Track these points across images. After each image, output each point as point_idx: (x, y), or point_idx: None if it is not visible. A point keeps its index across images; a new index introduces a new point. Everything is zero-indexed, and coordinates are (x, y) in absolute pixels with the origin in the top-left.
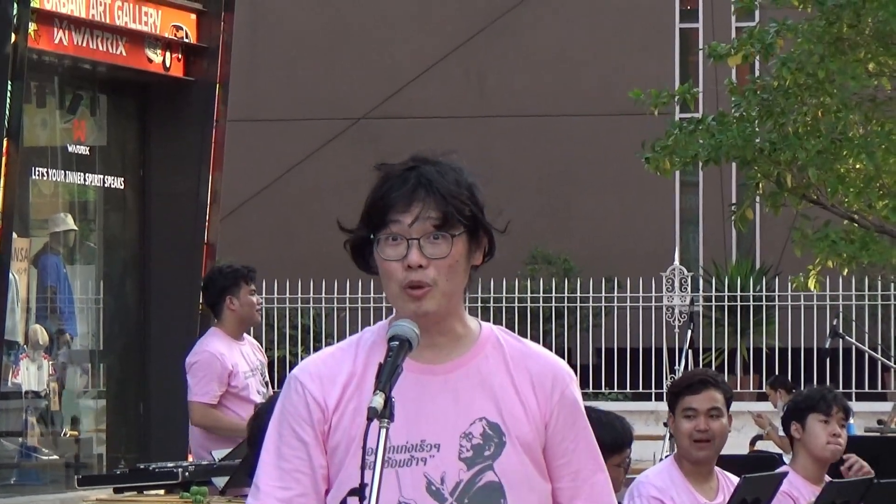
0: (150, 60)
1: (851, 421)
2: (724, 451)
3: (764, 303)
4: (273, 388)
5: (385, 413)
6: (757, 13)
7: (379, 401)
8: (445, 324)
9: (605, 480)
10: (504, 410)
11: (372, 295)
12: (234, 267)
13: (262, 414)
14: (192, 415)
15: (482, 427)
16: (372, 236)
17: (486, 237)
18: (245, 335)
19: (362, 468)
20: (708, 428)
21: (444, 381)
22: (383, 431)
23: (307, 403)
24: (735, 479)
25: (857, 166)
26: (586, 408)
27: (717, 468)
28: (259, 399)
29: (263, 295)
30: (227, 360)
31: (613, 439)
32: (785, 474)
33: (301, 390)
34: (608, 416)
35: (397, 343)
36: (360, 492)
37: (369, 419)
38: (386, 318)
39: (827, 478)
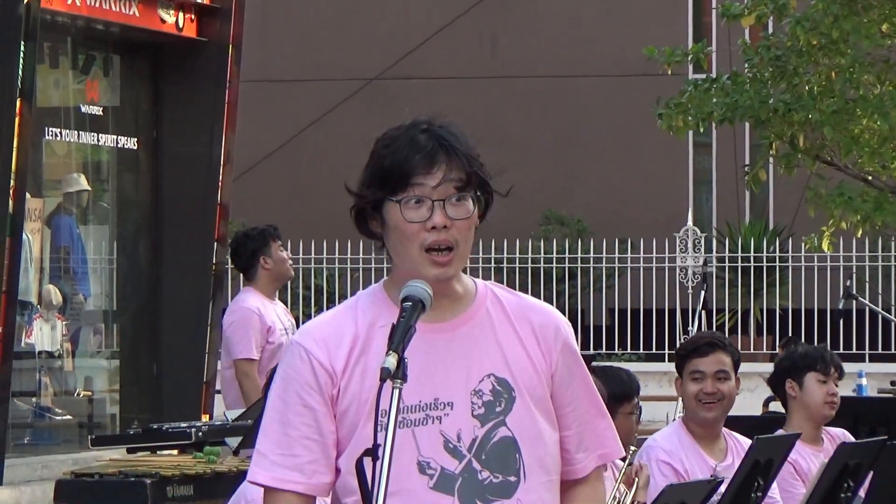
0: (163, 21)
1: (864, 382)
2: (736, 412)
3: (777, 264)
4: None
5: (398, 374)
6: None
7: (392, 361)
8: (450, 284)
9: (609, 425)
10: (511, 364)
11: (384, 255)
12: (259, 228)
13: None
14: (240, 374)
15: (491, 384)
16: (392, 199)
17: (489, 198)
18: (276, 299)
19: (375, 429)
20: (716, 390)
21: (451, 338)
22: (396, 392)
23: (313, 369)
24: (744, 440)
25: (872, 127)
26: (590, 366)
27: (725, 429)
28: None
29: None
30: (264, 315)
31: (622, 390)
32: (798, 435)
33: (306, 356)
34: (612, 369)
35: (410, 304)
36: (373, 452)
37: (382, 380)
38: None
39: (829, 434)
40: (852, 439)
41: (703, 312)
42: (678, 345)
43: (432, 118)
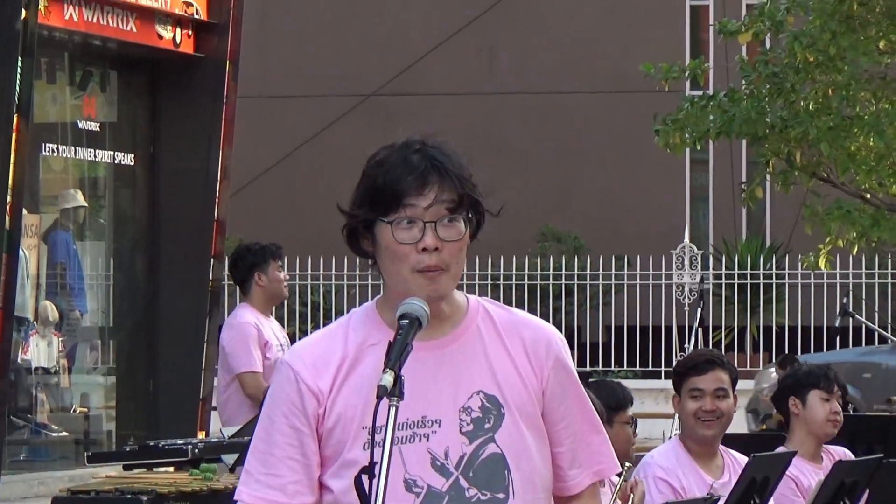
0: (161, 37)
1: None
2: (732, 430)
3: (774, 281)
4: None
5: (395, 391)
6: None
7: (389, 379)
8: (442, 303)
9: (604, 441)
10: (501, 381)
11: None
12: (262, 244)
13: None
14: (246, 387)
15: (480, 400)
16: (384, 220)
17: (480, 219)
18: (272, 318)
19: (372, 446)
20: (715, 408)
21: (441, 356)
22: (393, 409)
23: (300, 391)
24: (741, 458)
25: (868, 144)
26: (583, 379)
27: (722, 447)
28: None
29: None
30: (261, 330)
31: (616, 400)
32: (794, 453)
33: (293, 377)
34: (604, 381)
35: (407, 322)
36: (370, 470)
37: (379, 397)
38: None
39: (830, 452)
40: (852, 457)
41: (700, 329)
42: (675, 362)
43: (425, 138)
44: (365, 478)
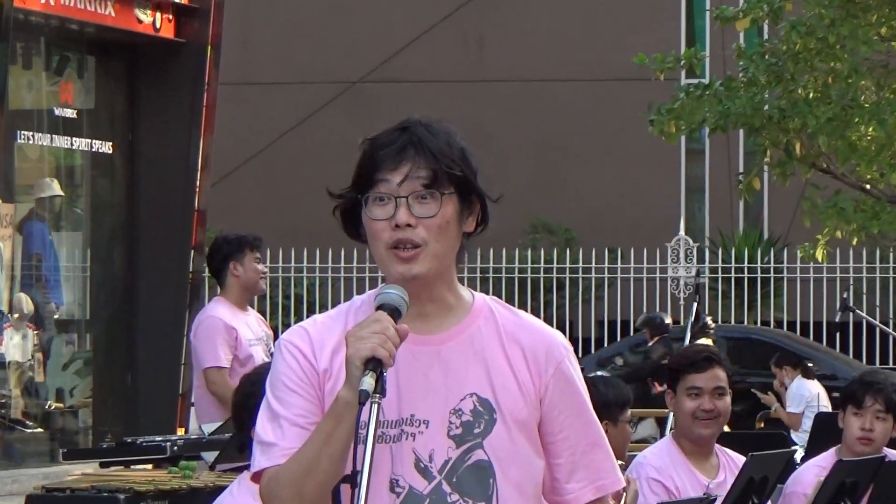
0: (140, 21)
1: None
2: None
3: (772, 274)
4: None
5: (377, 388)
6: None
7: (370, 381)
8: (435, 291)
9: (607, 455)
10: (496, 385)
11: (367, 264)
12: (241, 234)
13: (247, 385)
14: (210, 384)
15: (472, 403)
16: (360, 197)
17: (478, 203)
18: (249, 308)
19: (354, 447)
20: (713, 407)
21: (436, 352)
22: (375, 407)
23: (300, 364)
24: (736, 457)
25: (869, 134)
26: (585, 377)
27: (717, 445)
28: None
29: None
30: (231, 324)
31: (623, 398)
32: (793, 451)
33: (293, 350)
34: (609, 378)
35: (386, 311)
36: (352, 479)
37: (361, 403)
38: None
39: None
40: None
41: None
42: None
43: (425, 119)
44: (344, 488)
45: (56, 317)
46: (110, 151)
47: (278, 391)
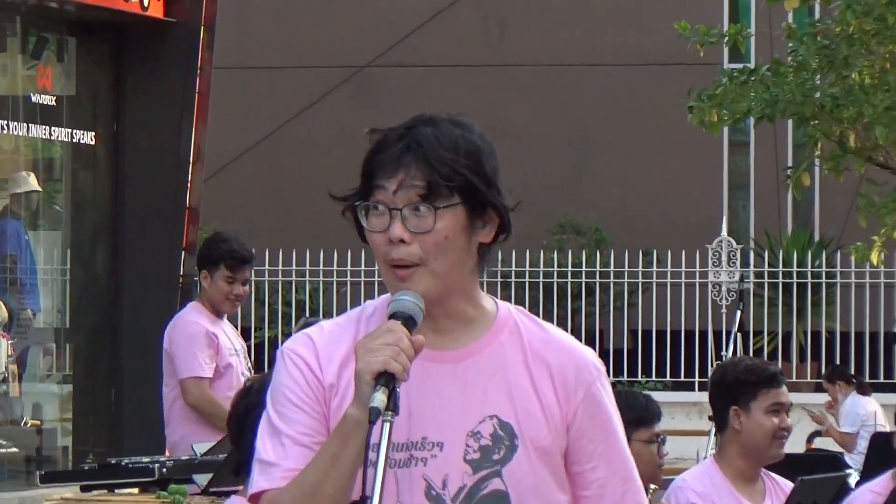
0: None
1: None
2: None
3: (823, 280)
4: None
5: (389, 405)
6: None
7: (381, 398)
8: (450, 306)
9: (638, 490)
10: (519, 408)
11: (377, 267)
12: (231, 243)
13: (248, 397)
14: (188, 395)
15: (493, 426)
16: (357, 204)
17: (494, 211)
18: (225, 319)
19: (364, 470)
20: (790, 425)
21: (453, 370)
22: (387, 426)
23: (304, 376)
24: (783, 482)
25: None
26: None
27: (762, 469)
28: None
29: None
30: (210, 332)
31: (637, 414)
32: (847, 475)
33: (297, 360)
34: (628, 392)
35: (400, 322)
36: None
37: (371, 421)
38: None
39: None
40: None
41: (739, 335)
42: (710, 372)
43: (438, 115)
44: None
45: (33, 325)
46: (93, 142)
47: (280, 405)
